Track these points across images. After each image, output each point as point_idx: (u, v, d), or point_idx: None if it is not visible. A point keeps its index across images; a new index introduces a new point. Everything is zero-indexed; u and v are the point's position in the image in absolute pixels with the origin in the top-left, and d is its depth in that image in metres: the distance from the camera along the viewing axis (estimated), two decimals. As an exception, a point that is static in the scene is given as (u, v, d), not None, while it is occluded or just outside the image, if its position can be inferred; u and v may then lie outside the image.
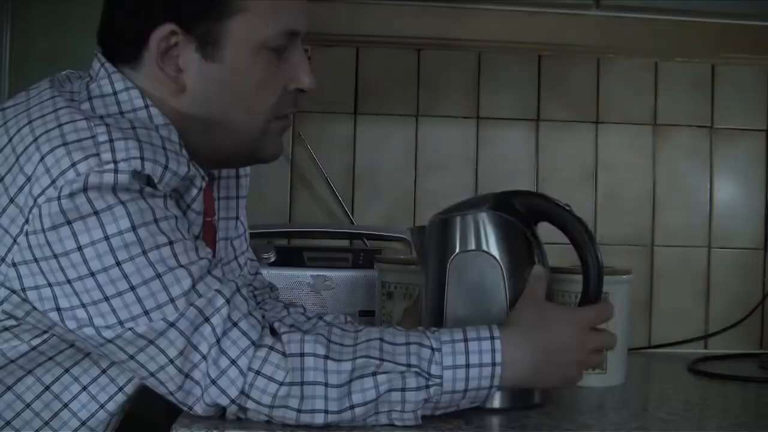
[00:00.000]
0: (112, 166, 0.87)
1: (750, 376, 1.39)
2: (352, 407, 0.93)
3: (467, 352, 0.96)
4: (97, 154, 0.87)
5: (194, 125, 1.01)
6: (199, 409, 0.93)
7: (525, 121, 1.74)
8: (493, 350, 0.97)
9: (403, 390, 0.94)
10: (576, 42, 1.60)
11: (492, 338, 0.97)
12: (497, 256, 1.07)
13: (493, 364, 0.96)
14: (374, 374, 0.93)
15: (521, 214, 1.08)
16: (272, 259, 1.50)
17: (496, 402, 1.07)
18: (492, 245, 1.07)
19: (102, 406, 0.99)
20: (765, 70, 1.75)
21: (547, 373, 1.01)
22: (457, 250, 1.09)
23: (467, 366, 0.96)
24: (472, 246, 1.08)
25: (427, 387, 0.94)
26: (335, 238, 1.67)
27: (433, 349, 0.96)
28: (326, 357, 0.93)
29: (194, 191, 0.98)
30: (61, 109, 0.92)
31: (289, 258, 1.52)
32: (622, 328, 1.29)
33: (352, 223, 1.70)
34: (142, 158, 0.89)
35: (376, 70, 1.73)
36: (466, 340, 0.97)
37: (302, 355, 0.93)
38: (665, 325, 1.73)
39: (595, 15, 1.40)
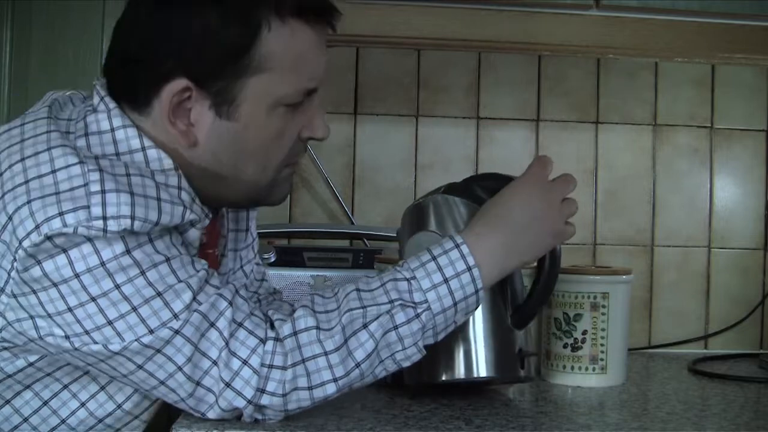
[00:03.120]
0: (101, 223, 0.85)
1: (750, 376, 1.39)
2: (357, 365, 0.94)
3: (440, 268, 0.97)
4: (88, 207, 0.85)
5: (201, 175, 0.99)
6: (213, 415, 0.93)
7: (525, 121, 1.74)
8: (462, 256, 0.98)
9: (396, 328, 0.95)
10: (576, 42, 1.59)
11: (457, 246, 0.98)
12: (439, 232, 1.09)
13: (469, 268, 0.97)
14: (365, 326, 0.94)
15: (480, 195, 1.10)
16: (272, 259, 1.50)
17: (483, 371, 1.08)
18: (437, 224, 1.11)
19: (100, 422, 0.98)
20: (765, 70, 1.75)
21: (524, 247, 1.02)
22: (409, 234, 1.13)
23: (446, 281, 0.97)
24: (421, 228, 1.12)
25: (417, 316, 0.95)
26: (335, 238, 1.67)
27: (408, 280, 0.97)
28: (317, 328, 0.94)
29: (193, 232, 0.96)
30: (56, 149, 0.89)
31: (289, 258, 1.52)
32: (622, 328, 1.29)
33: (352, 223, 1.69)
34: (132, 217, 0.86)
35: (376, 70, 1.72)
36: (434, 258, 0.98)
37: (295, 333, 0.93)
38: (665, 325, 1.73)
39: (595, 15, 1.40)
